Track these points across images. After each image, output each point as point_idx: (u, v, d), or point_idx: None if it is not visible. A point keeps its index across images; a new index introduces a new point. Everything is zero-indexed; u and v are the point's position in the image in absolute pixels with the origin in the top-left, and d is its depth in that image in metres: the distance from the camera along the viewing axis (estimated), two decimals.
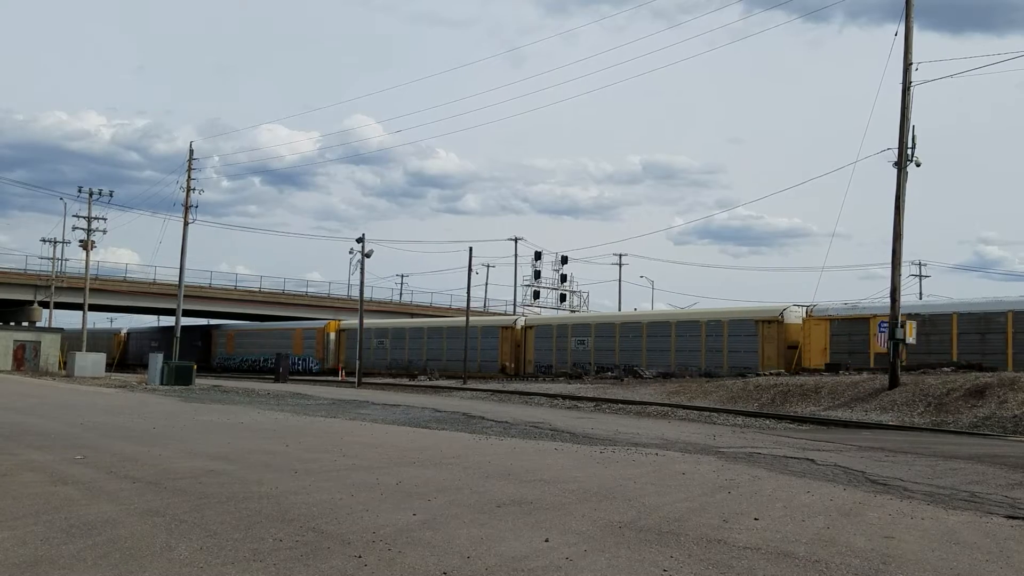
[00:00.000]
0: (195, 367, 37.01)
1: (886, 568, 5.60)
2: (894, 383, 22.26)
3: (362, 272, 45.70)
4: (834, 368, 30.41)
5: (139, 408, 20.72)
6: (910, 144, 22.73)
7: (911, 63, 22.79)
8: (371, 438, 13.86)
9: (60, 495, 7.84)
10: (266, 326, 62.91)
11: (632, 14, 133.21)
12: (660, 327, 39.33)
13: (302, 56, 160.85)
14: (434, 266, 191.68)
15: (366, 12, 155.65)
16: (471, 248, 44.39)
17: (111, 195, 53.55)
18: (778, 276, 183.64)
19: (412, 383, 40.35)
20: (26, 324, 57.26)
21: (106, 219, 54.02)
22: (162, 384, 33.90)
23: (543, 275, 59.28)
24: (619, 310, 62.38)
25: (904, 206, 22.86)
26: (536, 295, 59.03)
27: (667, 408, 22.99)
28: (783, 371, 31.80)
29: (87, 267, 53.95)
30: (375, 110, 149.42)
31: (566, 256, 59.70)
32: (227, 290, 62.58)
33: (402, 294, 74.49)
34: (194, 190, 45.80)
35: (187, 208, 45.45)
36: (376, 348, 51.68)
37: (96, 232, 53.47)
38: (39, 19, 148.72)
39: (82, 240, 53.15)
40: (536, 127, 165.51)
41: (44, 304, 56.67)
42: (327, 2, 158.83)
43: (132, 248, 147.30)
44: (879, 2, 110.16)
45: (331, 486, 8.49)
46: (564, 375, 40.69)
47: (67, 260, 57.68)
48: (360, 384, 39.55)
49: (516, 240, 67.58)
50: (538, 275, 59.07)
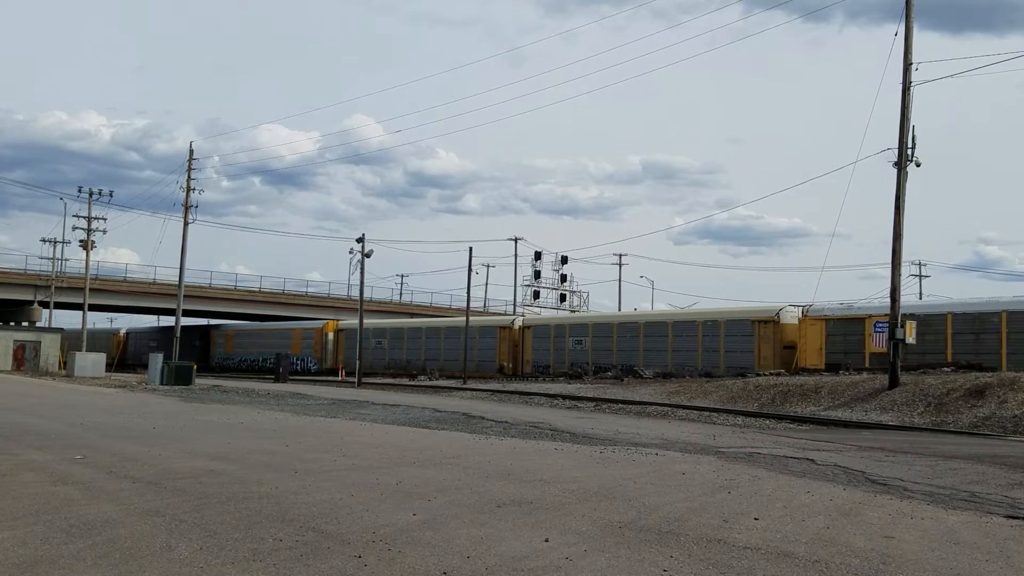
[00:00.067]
0: (195, 367, 37.03)
1: (886, 568, 5.60)
2: (894, 383, 22.27)
3: (362, 272, 45.77)
4: (834, 368, 30.42)
5: (139, 408, 20.72)
6: (910, 144, 22.74)
7: (911, 63, 22.80)
8: (371, 438, 13.87)
9: (60, 495, 7.84)
10: (265, 326, 62.90)
11: (632, 14, 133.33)
12: (657, 327, 39.35)
13: (302, 56, 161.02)
14: (434, 266, 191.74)
15: (366, 12, 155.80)
16: (471, 248, 44.49)
17: (111, 195, 53.69)
18: (778, 276, 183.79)
19: (412, 383, 40.36)
20: (26, 324, 57.28)
21: (106, 219, 54.19)
22: (162, 384, 33.91)
23: (543, 275, 59.34)
24: (619, 310, 62.39)
25: (904, 206, 22.87)
26: (536, 295, 59.04)
27: (667, 408, 22.99)
28: (783, 371, 31.80)
29: (87, 267, 53.99)
30: (375, 110, 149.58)
31: (566, 256, 59.78)
32: (227, 290, 62.59)
33: (402, 294, 74.59)
34: (194, 190, 45.86)
35: (187, 208, 45.47)
36: (374, 348, 51.69)
37: (96, 232, 53.59)
38: (39, 19, 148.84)
39: (82, 240, 53.18)
40: (536, 127, 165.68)
41: (44, 304, 56.69)
42: (327, 2, 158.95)
43: (132, 248, 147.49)
44: (879, 2, 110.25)
45: (331, 486, 8.49)
46: (561, 375, 40.70)
47: (67, 260, 57.83)
48: (360, 384, 39.56)
49: (516, 240, 67.66)
50: (538, 275, 59.10)
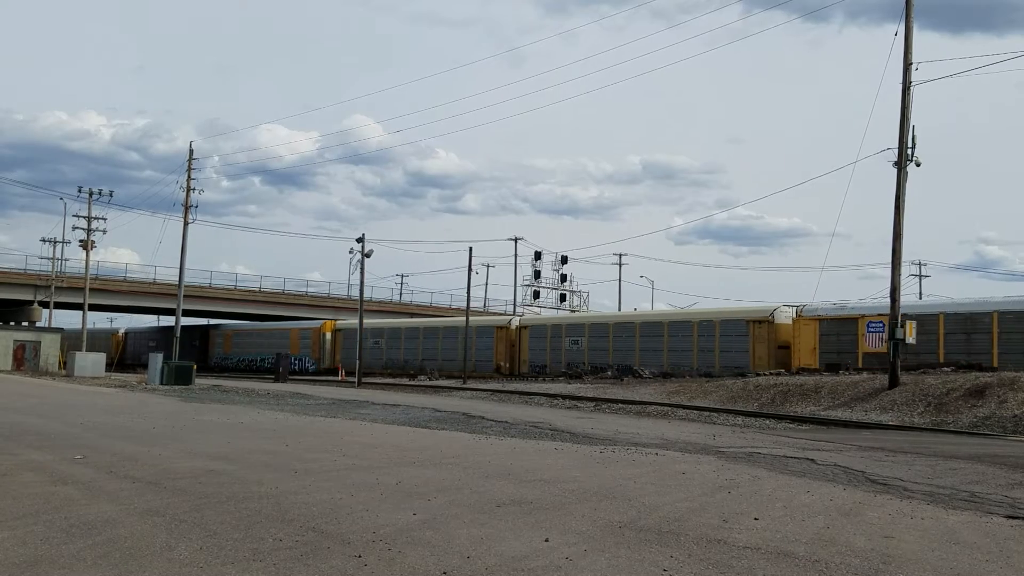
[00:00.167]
0: (195, 367, 37.03)
1: (886, 568, 5.60)
2: (894, 383, 22.27)
3: (362, 272, 45.77)
4: (833, 368, 30.43)
5: (139, 408, 20.71)
6: (910, 144, 22.74)
7: (911, 63, 22.80)
8: (371, 438, 13.86)
9: (60, 495, 7.84)
10: (263, 326, 62.93)
11: (632, 14, 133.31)
12: (653, 327, 39.48)
13: (302, 56, 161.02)
14: (434, 266, 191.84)
15: (366, 12, 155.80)
16: (471, 248, 44.50)
17: (111, 195, 53.69)
18: (778, 276, 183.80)
19: (412, 383, 40.36)
20: (26, 324, 57.30)
21: (106, 219, 54.20)
22: (162, 384, 33.91)
23: (543, 275, 59.35)
24: (619, 310, 62.42)
25: (904, 206, 22.87)
26: (536, 295, 59.05)
27: (667, 408, 22.99)
28: (783, 371, 31.82)
29: (87, 267, 53.99)
30: (375, 110, 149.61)
31: (566, 256, 59.79)
32: (227, 290, 62.59)
33: (402, 294, 74.60)
34: (194, 190, 45.85)
35: (187, 208, 45.47)
36: (372, 348, 51.75)
37: (96, 232, 53.60)
38: (39, 19, 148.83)
39: (82, 240, 53.18)
40: (536, 127, 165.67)
41: (44, 304, 56.70)
42: (327, 2, 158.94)
43: (132, 248, 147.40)
44: (879, 2, 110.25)
45: (331, 486, 8.49)
46: (558, 375, 40.77)
47: (67, 260, 57.84)
48: (360, 384, 39.56)
49: (516, 240, 67.65)
50: (538, 275, 59.11)
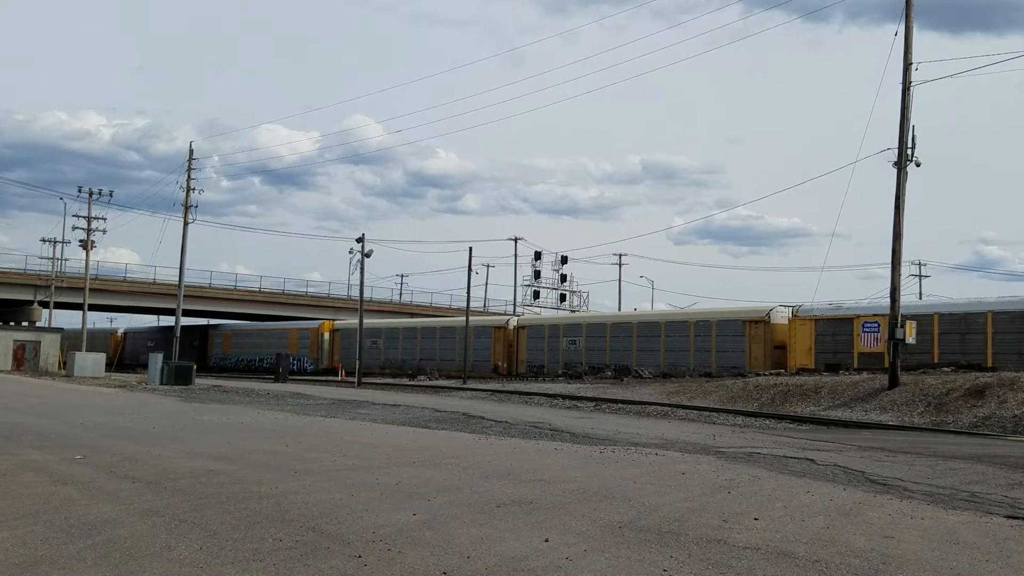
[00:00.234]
0: (195, 367, 37.04)
1: (886, 568, 5.60)
2: (894, 383, 22.27)
3: (362, 272, 45.76)
4: (833, 368, 30.43)
5: (139, 408, 20.71)
6: (910, 144, 22.74)
7: (911, 63, 22.80)
8: (371, 438, 13.86)
9: (60, 495, 7.84)
10: (262, 326, 62.95)
11: (632, 14, 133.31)
12: (650, 327, 39.58)
13: (302, 56, 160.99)
14: (434, 266, 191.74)
15: (366, 12, 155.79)
16: (471, 248, 44.51)
17: (111, 195, 53.71)
18: (778, 276, 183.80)
19: (412, 383, 40.37)
20: (26, 324, 57.30)
21: (106, 219, 54.22)
22: (162, 384, 33.91)
23: (543, 275, 59.37)
24: (619, 310, 62.42)
25: (904, 206, 22.87)
26: (536, 295, 59.06)
27: (667, 408, 22.98)
28: (782, 371, 31.83)
29: (87, 267, 53.99)
30: (375, 110, 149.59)
31: (566, 256, 59.82)
32: (227, 290, 62.59)
33: (402, 294, 74.60)
34: (194, 190, 45.84)
35: (187, 208, 45.46)
36: (370, 348, 51.83)
37: (96, 232, 53.61)
38: (39, 19, 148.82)
39: (82, 240, 53.18)
40: (536, 127, 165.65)
41: (44, 304, 56.70)
42: (327, 2, 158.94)
43: (132, 248, 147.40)
44: (879, 2, 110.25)
45: (331, 486, 8.49)
46: (556, 375, 40.84)
47: (67, 260, 57.86)
48: (360, 384, 39.55)
49: (516, 240, 67.63)
50: (538, 275, 59.12)
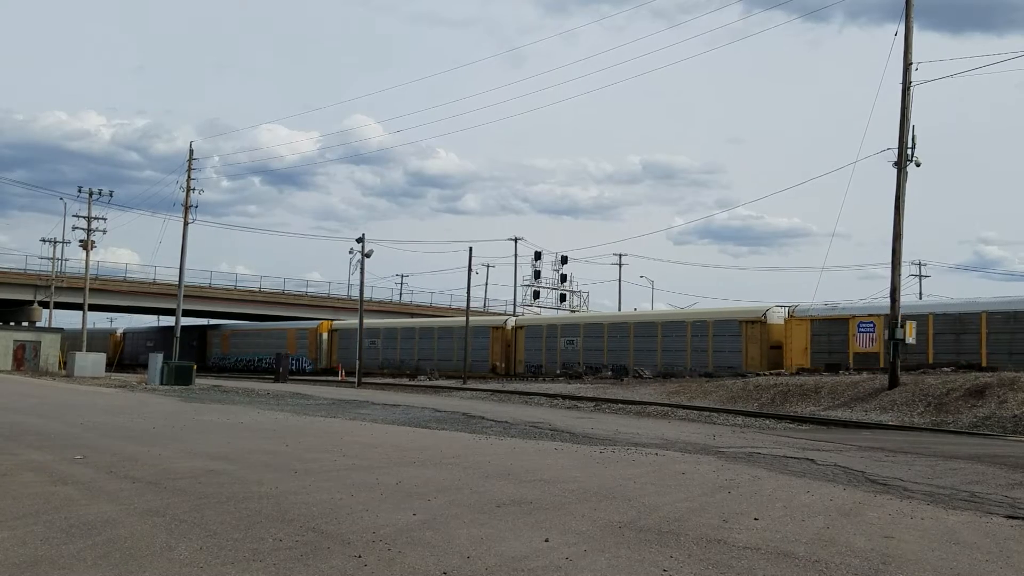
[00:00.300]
0: (195, 367, 37.04)
1: (886, 568, 5.60)
2: (894, 383, 22.27)
3: (362, 272, 45.76)
4: (833, 368, 30.43)
5: (139, 408, 20.71)
6: (910, 144, 22.74)
7: (911, 63, 22.80)
8: (371, 438, 13.86)
9: (60, 495, 7.83)
10: (260, 326, 62.98)
11: (632, 14, 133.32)
12: (647, 327, 39.68)
13: (302, 56, 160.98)
14: (434, 266, 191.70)
15: (366, 12, 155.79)
16: (471, 248, 44.50)
17: (111, 195, 53.75)
18: (778, 276, 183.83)
19: (412, 383, 40.37)
20: (26, 324, 57.30)
21: (106, 219, 54.25)
22: (162, 384, 33.91)
23: (543, 275, 59.37)
24: (619, 310, 62.42)
25: (904, 206, 22.87)
26: (536, 295, 59.06)
27: (667, 408, 22.98)
28: (782, 371, 31.83)
29: (87, 267, 54.00)
30: (375, 110, 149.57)
31: (566, 256, 59.80)
32: (227, 290, 62.60)
33: (402, 294, 74.60)
34: (194, 190, 45.84)
35: (187, 208, 45.46)
36: (368, 348, 51.88)
37: (96, 232, 53.63)
38: (39, 19, 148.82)
39: (82, 240, 53.19)
40: (536, 127, 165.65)
41: (44, 304, 56.70)
42: (327, 2, 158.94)
43: (132, 248, 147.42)
44: (879, 2, 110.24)
45: (331, 486, 8.49)
46: (553, 375, 40.92)
47: (67, 260, 57.87)
48: (360, 384, 39.56)
49: (516, 240, 67.61)
50: (538, 275, 59.12)
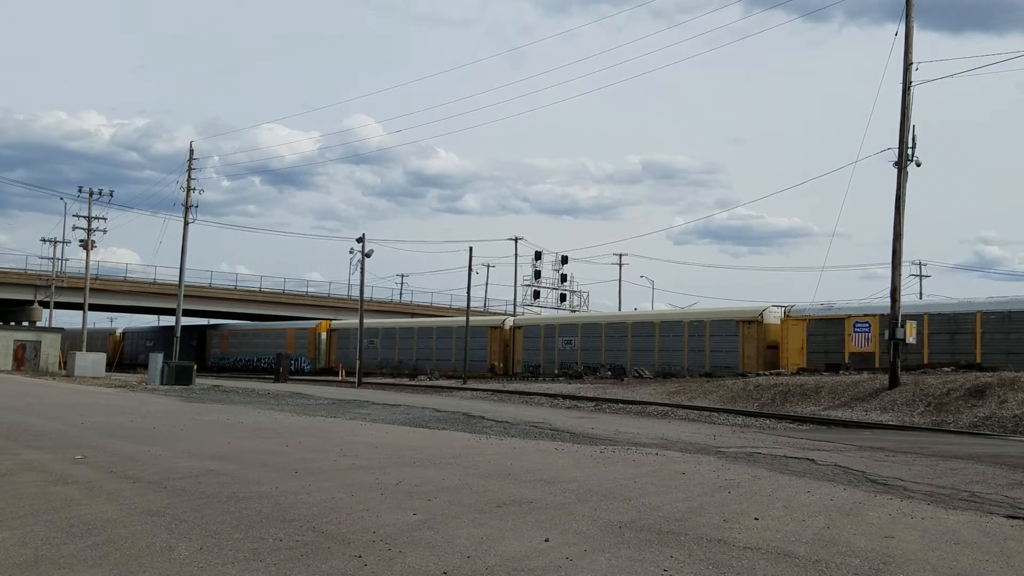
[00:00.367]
0: (195, 367, 37.04)
1: (886, 568, 5.60)
2: (894, 383, 22.26)
3: (362, 272, 45.76)
4: (834, 368, 30.43)
5: (139, 408, 20.71)
6: (910, 144, 22.74)
7: (911, 63, 22.79)
8: (371, 438, 13.86)
9: (60, 495, 7.84)
10: (260, 326, 63.01)
11: (632, 14, 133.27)
12: (644, 327, 39.77)
13: (302, 56, 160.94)
14: (434, 266, 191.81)
15: (366, 12, 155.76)
16: (471, 248, 44.49)
17: (111, 195, 53.77)
18: (778, 276, 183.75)
19: (412, 383, 40.37)
20: (26, 324, 57.30)
21: (106, 219, 54.28)
22: (162, 384, 33.91)
23: (543, 275, 59.40)
24: (619, 310, 62.42)
25: (904, 206, 22.87)
26: (536, 295, 59.08)
27: (667, 408, 22.99)
28: (783, 371, 31.82)
29: (87, 267, 54.00)
30: (375, 110, 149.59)
31: (566, 256, 59.84)
32: (227, 290, 62.62)
33: (402, 294, 74.62)
34: (194, 190, 45.87)
35: (187, 208, 45.47)
36: (367, 348, 51.93)
37: (96, 232, 53.65)
38: (39, 18, 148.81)
39: (82, 240, 53.20)
40: (536, 127, 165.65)
41: (44, 304, 56.70)
42: (327, 2, 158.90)
43: (132, 248, 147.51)
44: (879, 2, 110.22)
45: (331, 486, 8.49)
46: (551, 375, 41.00)
47: (67, 260, 57.93)
48: (360, 384, 39.56)
49: (516, 240, 67.60)
50: (538, 275, 59.14)
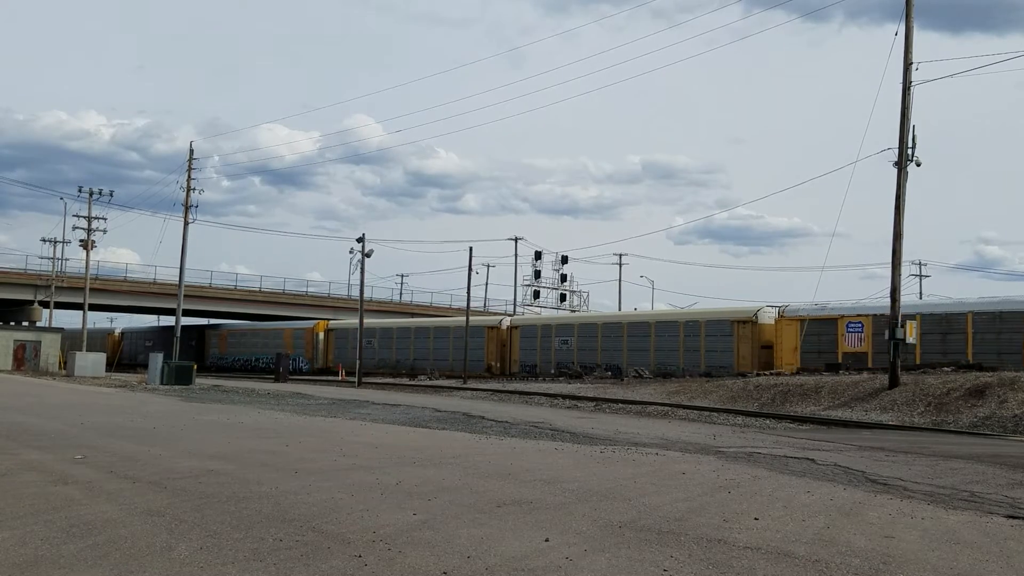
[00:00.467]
0: (195, 367, 37.04)
1: (886, 568, 5.60)
2: (894, 383, 22.26)
3: (362, 272, 45.77)
4: (833, 368, 30.42)
5: (139, 408, 20.71)
6: (910, 144, 22.74)
7: (911, 63, 22.78)
8: (371, 438, 13.86)
9: (60, 495, 7.84)
10: (258, 326, 63.05)
11: (632, 14, 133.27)
12: (640, 327, 39.91)
13: (302, 56, 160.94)
14: (434, 266, 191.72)
15: (366, 12, 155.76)
16: (471, 248, 44.50)
17: (111, 195, 53.80)
18: (778, 276, 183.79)
19: (412, 383, 40.37)
20: (26, 324, 57.30)
21: (106, 219, 54.30)
22: (162, 384, 33.91)
23: (543, 275, 59.40)
24: (619, 310, 62.43)
25: (904, 206, 22.86)
26: (536, 295, 59.09)
27: (667, 408, 22.99)
28: (783, 371, 31.82)
29: (87, 267, 54.00)
30: (375, 110, 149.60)
31: (566, 256, 59.84)
32: (227, 290, 62.62)
33: (402, 294, 74.60)
34: (194, 190, 45.89)
35: (187, 208, 45.47)
36: (365, 348, 51.95)
37: (96, 232, 53.67)
38: (39, 18, 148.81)
39: (82, 240, 53.21)
40: (536, 127, 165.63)
41: (44, 304, 56.70)
42: (327, 2, 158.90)
43: (132, 248, 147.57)
44: (879, 2, 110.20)
45: (331, 486, 8.49)
46: (548, 375, 41.06)
47: (67, 260, 57.91)
48: (360, 384, 39.57)
49: (516, 240, 67.60)
50: (538, 275, 59.14)
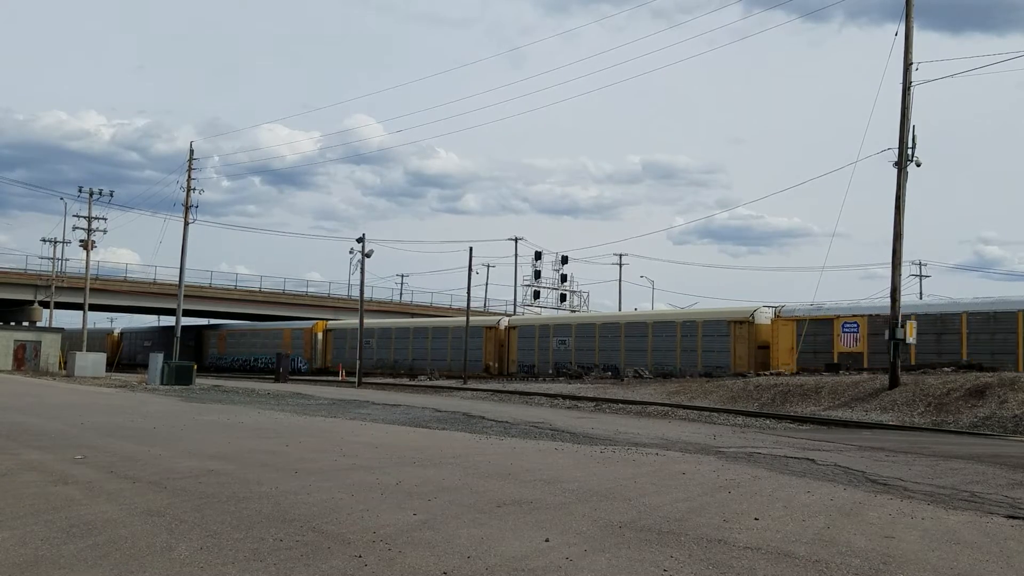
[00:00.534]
0: (195, 367, 37.05)
1: (886, 568, 5.60)
2: (894, 383, 22.26)
3: (362, 272, 45.76)
4: (834, 368, 30.43)
5: (139, 408, 20.71)
6: (910, 144, 22.73)
7: (911, 63, 22.78)
8: (371, 438, 13.86)
9: (60, 495, 7.84)
10: (257, 326, 63.07)
11: (632, 14, 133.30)
12: (638, 327, 40.01)
13: (302, 56, 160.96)
14: (434, 266, 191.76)
15: (366, 12, 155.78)
16: (471, 248, 44.48)
17: (111, 195, 53.82)
18: (778, 276, 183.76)
19: (412, 383, 40.38)
20: (26, 324, 57.31)
21: (106, 219, 54.31)
22: (162, 384, 33.91)
23: (543, 275, 59.41)
24: (619, 310, 62.44)
25: (904, 206, 22.86)
26: (536, 295, 59.09)
27: (667, 408, 22.99)
28: (783, 371, 31.82)
29: (87, 267, 54.01)
30: (375, 110, 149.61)
31: (566, 256, 59.85)
32: (227, 290, 62.63)
33: (402, 294, 74.61)
34: (194, 190, 45.87)
35: (187, 208, 45.47)
36: (364, 348, 51.97)
37: (96, 232, 53.67)
38: (39, 18, 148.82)
39: (82, 240, 53.22)
40: (536, 127, 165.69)
41: (44, 304, 56.71)
42: (327, 2, 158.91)
43: (132, 248, 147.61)
44: (879, 2, 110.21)
45: (331, 486, 8.49)
46: (546, 375, 41.12)
47: (67, 260, 57.96)
48: (360, 384, 39.57)
49: (516, 240, 67.60)
50: (538, 275, 59.15)
